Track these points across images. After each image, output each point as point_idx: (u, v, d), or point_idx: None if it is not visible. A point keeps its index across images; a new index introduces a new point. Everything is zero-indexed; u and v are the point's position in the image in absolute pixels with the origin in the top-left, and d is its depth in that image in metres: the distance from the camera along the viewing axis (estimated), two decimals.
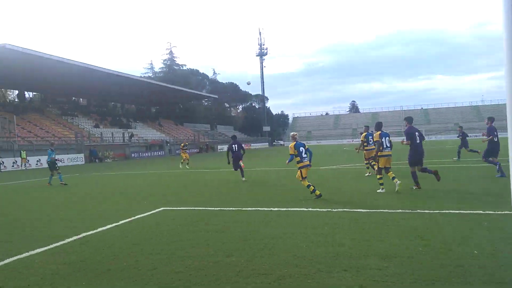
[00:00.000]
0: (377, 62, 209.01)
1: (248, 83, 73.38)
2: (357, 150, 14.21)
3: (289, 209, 7.77)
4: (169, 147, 57.21)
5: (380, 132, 9.89)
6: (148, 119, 70.14)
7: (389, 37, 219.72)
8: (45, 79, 46.43)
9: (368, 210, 7.28)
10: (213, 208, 8.30)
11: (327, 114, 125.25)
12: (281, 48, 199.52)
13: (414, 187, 9.61)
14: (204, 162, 31.23)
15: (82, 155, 40.91)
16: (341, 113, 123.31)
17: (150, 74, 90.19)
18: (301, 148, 9.02)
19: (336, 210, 7.44)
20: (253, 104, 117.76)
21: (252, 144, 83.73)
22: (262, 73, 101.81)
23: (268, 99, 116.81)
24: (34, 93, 60.16)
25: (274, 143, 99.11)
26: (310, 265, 4.34)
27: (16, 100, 56.03)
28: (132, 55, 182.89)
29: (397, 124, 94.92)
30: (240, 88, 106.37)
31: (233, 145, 14.63)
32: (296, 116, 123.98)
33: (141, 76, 73.90)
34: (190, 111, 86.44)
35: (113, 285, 4.01)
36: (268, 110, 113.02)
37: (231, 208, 8.20)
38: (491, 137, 11.61)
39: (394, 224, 6.14)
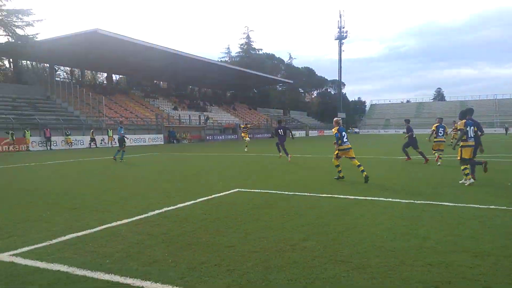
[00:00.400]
0: (468, 46, 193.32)
1: None
2: (428, 139, 14.55)
3: (367, 198, 7.53)
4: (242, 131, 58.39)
5: (465, 120, 9.26)
6: (223, 102, 72.12)
7: (486, 17, 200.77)
8: (130, 63, 49.68)
9: (455, 204, 6.79)
10: (288, 193, 8.31)
11: (408, 101, 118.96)
12: (361, 31, 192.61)
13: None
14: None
15: (161, 135, 43.37)
16: (425, 101, 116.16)
17: (227, 59, 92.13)
18: (344, 133, 10.05)
19: (418, 202, 7.04)
20: (329, 90, 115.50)
21: (325, 131, 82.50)
22: (340, 57, 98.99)
23: (344, 84, 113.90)
24: (120, 76, 64.76)
25: (349, 130, 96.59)
26: (392, 257, 4.16)
27: (104, 82, 60.68)
28: (209, 40, 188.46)
29: (488, 114, 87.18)
30: (316, 73, 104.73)
31: (279, 130, 16.34)
32: (374, 103, 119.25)
33: (218, 61, 75.88)
34: (264, 95, 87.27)
35: (193, 258, 4.19)
36: (344, 96, 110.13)
37: (307, 194, 8.14)
38: None
39: (487, 220, 5.66)
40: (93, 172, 13.75)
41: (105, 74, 60.56)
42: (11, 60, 49.52)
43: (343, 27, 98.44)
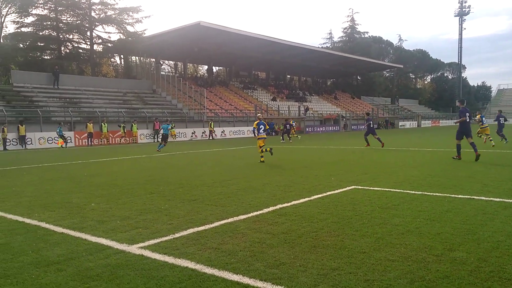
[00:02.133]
0: None
1: None
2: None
3: None
4: (344, 122, 56.95)
5: None
6: (323, 92, 71.08)
7: None
8: (230, 54, 51.61)
9: None
10: (415, 192, 7.69)
11: None
12: (486, 5, 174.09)
13: (456, 157, 13.20)
14: (389, 138, 29.97)
15: (282, 129, 44.14)
16: None
17: (328, 45, 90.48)
18: (261, 126, 14.29)
19: None
20: (445, 74, 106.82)
21: (441, 121, 76.65)
22: (461, 36, 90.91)
23: (465, 67, 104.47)
24: (220, 67, 67.57)
25: (473, 119, 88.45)
26: None
27: (205, 74, 63.84)
28: (310, 26, 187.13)
29: None
30: (430, 55, 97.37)
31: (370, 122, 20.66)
32: (502, 88, 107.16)
33: (319, 47, 74.89)
34: (368, 83, 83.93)
35: (323, 264, 3.98)
36: (464, 81, 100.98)
37: (438, 194, 7.43)
38: None
39: None
40: (202, 164, 14.40)
41: (206, 67, 63.64)
42: (121, 56, 54.63)
43: (465, 2, 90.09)
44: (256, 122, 14.56)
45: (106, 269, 3.96)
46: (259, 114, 16.63)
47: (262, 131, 14.29)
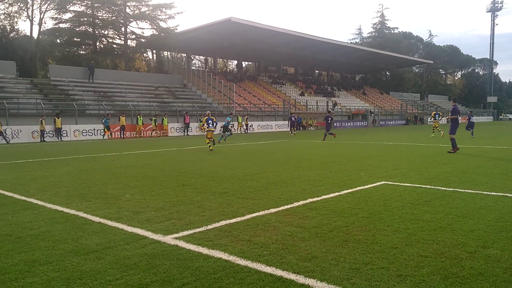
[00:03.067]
0: None
1: None
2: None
3: None
4: (373, 117, 56.00)
5: None
6: (352, 87, 70.09)
7: None
8: (259, 49, 51.54)
9: None
10: (446, 188, 7.50)
11: None
12: None
13: (451, 151, 14.20)
14: (418, 134, 29.36)
15: (288, 122, 44.01)
16: None
17: (358, 40, 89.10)
18: (209, 121, 17.14)
19: None
20: (476, 70, 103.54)
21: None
22: (493, 32, 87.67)
23: (497, 63, 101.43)
24: (249, 62, 67.62)
25: (500, 117, 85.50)
26: None
27: (234, 69, 64.04)
28: (340, 22, 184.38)
29: None
30: (461, 51, 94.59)
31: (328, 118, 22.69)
32: None
33: (348, 42, 73.82)
34: (398, 79, 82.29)
35: (355, 258, 3.95)
36: (496, 77, 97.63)
37: (471, 191, 7.23)
38: None
39: None
40: (232, 157, 14.49)
41: (235, 62, 63.81)
42: (154, 51, 55.48)
43: None
44: (205, 118, 17.77)
45: (142, 258, 4.06)
46: (208, 111, 19.66)
47: (211, 125, 17.31)
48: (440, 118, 30.47)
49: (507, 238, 4.49)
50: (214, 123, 17.56)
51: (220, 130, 24.04)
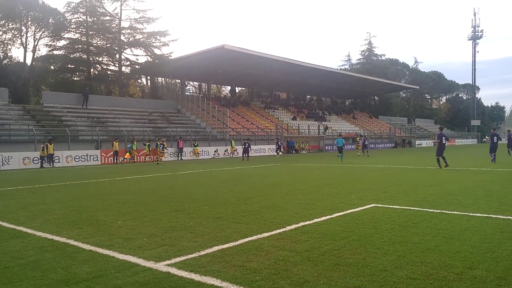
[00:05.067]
0: None
1: None
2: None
3: None
4: (363, 141, 56.31)
5: None
6: (342, 111, 70.80)
7: None
8: (252, 75, 52.19)
9: None
10: (433, 210, 7.56)
11: None
12: (499, 29, 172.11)
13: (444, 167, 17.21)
14: (406, 157, 29.55)
15: (275, 145, 44.16)
16: None
17: (347, 66, 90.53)
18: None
19: None
20: (460, 95, 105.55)
21: (456, 140, 75.43)
22: (474, 59, 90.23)
23: (479, 88, 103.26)
24: (242, 88, 68.23)
25: (484, 139, 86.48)
26: None
27: (228, 95, 64.50)
28: (329, 49, 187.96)
29: None
30: (445, 77, 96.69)
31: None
32: None
33: (338, 68, 75.03)
34: (385, 103, 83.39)
35: (346, 282, 3.94)
36: (478, 102, 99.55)
37: (457, 212, 7.29)
38: None
39: None
40: (225, 182, 14.46)
41: (229, 87, 64.33)
42: (148, 77, 55.80)
43: (478, 26, 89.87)
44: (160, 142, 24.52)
45: (134, 286, 3.99)
46: (163, 138, 26.72)
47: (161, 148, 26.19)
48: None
49: (492, 259, 4.52)
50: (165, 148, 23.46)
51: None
